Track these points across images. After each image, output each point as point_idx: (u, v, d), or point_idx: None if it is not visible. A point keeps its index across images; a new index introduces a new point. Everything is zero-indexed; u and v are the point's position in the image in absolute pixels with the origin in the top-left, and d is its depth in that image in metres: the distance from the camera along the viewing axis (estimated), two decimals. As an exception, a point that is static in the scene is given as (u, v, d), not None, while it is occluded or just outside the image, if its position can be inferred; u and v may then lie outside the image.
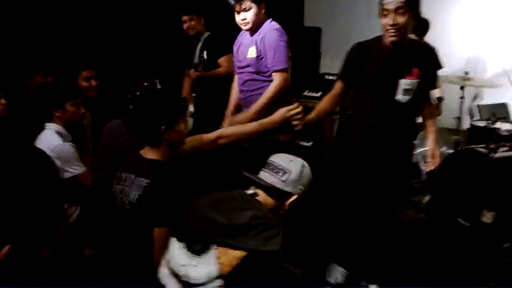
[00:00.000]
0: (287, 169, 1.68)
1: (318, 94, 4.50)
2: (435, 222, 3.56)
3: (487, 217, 3.29)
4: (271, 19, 2.81)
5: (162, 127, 1.76)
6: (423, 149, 4.30)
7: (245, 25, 2.74)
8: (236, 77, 3.02)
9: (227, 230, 1.33)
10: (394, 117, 2.36)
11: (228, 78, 3.29)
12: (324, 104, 2.52)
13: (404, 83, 2.29)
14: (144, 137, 1.84)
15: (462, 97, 3.67)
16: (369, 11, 4.14)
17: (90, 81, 2.91)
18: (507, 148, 3.32)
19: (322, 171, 4.08)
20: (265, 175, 1.69)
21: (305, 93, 4.61)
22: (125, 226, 1.79)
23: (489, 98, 4.01)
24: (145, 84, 2.19)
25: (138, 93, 2.13)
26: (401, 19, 2.14)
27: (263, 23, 2.78)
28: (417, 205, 3.76)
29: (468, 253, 3.05)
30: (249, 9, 2.68)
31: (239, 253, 1.30)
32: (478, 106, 3.91)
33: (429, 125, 2.54)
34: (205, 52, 3.62)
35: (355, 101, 2.53)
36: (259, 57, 2.75)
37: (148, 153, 1.83)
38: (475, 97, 4.33)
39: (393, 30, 2.18)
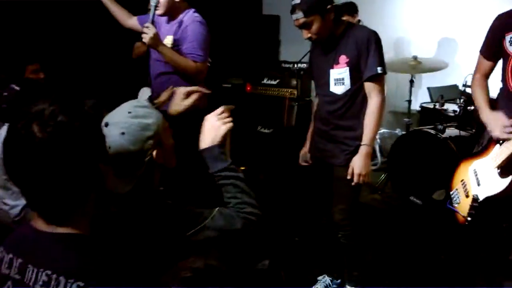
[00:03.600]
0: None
1: (276, 82, 4.58)
2: (390, 201, 3.72)
3: (438, 194, 3.46)
4: (194, 9, 2.65)
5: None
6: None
7: (156, 9, 2.53)
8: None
9: None
10: (335, 109, 2.26)
11: None
12: None
13: (333, 73, 2.20)
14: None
15: (411, 81, 3.81)
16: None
17: (38, 74, 2.85)
18: (453, 128, 3.49)
19: (282, 158, 4.19)
20: None
21: (264, 81, 4.67)
22: None
23: (440, 80, 4.17)
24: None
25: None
26: (312, 29, 2.11)
27: (182, 10, 2.61)
28: (372, 185, 3.92)
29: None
30: None
31: None
32: (428, 88, 4.06)
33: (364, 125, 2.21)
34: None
35: None
36: (174, 47, 2.59)
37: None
38: (424, 80, 4.51)
39: (312, 40, 2.20)
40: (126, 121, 1.26)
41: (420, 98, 4.27)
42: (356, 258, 2.44)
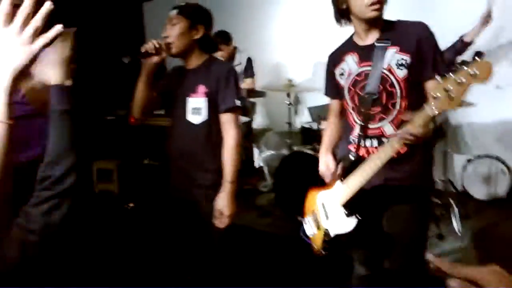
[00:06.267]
0: None
1: (163, 111, 4.47)
2: (280, 224, 3.74)
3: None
4: None
5: None
6: (265, 154, 4.53)
7: None
8: None
9: None
10: (191, 140, 2.19)
11: None
12: None
13: (191, 101, 2.17)
14: None
15: (289, 103, 3.92)
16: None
17: None
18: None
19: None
20: None
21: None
22: None
23: (320, 100, 4.32)
24: None
25: None
26: (172, 31, 2.11)
27: None
28: (261, 208, 3.92)
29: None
30: None
31: None
32: (308, 108, 4.20)
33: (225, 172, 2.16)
34: None
35: None
36: None
37: None
38: (303, 101, 4.68)
39: (165, 43, 2.12)
40: None
41: (304, 118, 4.40)
42: None
